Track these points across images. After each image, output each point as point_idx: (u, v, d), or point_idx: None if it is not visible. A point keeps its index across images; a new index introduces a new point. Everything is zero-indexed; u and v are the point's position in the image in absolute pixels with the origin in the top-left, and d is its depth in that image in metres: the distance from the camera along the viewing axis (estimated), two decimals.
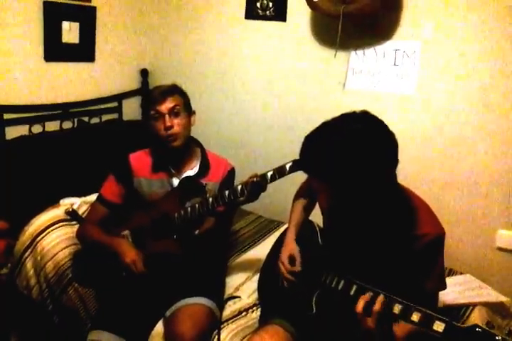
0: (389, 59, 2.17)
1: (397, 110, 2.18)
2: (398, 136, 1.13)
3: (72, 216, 2.08)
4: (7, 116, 2.21)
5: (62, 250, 1.95)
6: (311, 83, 2.41)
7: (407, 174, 1.93)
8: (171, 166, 1.76)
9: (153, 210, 1.71)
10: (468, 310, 1.74)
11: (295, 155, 1.28)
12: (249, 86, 2.62)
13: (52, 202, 2.18)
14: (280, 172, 1.45)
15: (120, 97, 2.78)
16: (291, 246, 1.52)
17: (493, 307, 1.79)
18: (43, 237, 2.00)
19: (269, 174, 1.47)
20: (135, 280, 1.63)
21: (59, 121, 2.45)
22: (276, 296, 1.58)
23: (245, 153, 2.68)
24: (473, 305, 1.76)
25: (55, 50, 2.38)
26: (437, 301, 1.35)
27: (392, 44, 2.14)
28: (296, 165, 1.40)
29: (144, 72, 2.88)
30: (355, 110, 1.15)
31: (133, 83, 2.88)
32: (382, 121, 1.13)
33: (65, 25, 2.38)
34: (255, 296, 1.76)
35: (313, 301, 1.36)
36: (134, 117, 2.82)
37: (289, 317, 1.42)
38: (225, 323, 1.61)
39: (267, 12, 2.44)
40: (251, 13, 2.50)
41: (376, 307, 1.10)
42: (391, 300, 1.11)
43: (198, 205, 1.62)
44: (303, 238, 1.55)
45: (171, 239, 1.68)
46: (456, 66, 2.01)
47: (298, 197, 1.70)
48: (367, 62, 2.22)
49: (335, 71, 2.31)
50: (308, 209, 1.67)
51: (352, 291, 1.21)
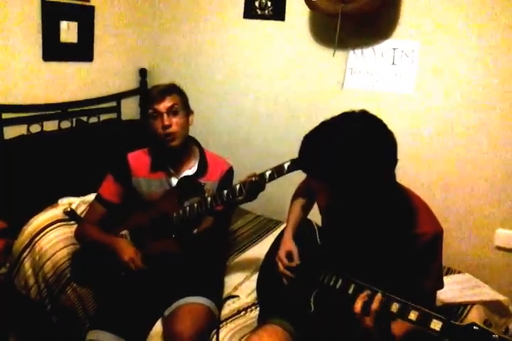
0: (387, 58, 2.17)
1: (396, 109, 2.18)
2: (396, 136, 1.13)
3: (70, 216, 2.07)
4: (5, 115, 2.20)
5: (60, 250, 1.95)
6: (310, 82, 2.41)
7: (406, 173, 1.92)
8: (170, 166, 1.76)
9: (152, 210, 1.71)
10: (467, 309, 1.74)
11: (294, 155, 1.28)
12: (248, 85, 2.62)
13: (50, 201, 2.18)
14: (279, 171, 1.45)
15: (119, 97, 2.77)
16: (289, 244, 1.53)
17: (491, 306, 1.80)
18: (41, 237, 1.99)
19: (268, 173, 1.47)
20: (134, 279, 1.63)
21: (57, 121, 2.44)
22: (274, 295, 1.58)
23: (244, 152, 2.68)
24: (472, 303, 1.77)
25: (54, 50, 2.37)
26: (435, 300, 1.36)
27: (390, 43, 2.14)
28: (295, 165, 1.40)
29: (143, 72, 2.88)
30: (354, 109, 1.15)
31: (131, 83, 2.87)
32: (381, 121, 1.13)
33: (64, 24, 2.37)
34: (254, 295, 1.76)
35: (312, 300, 1.36)
36: (132, 117, 2.82)
37: (288, 316, 1.42)
38: (224, 322, 1.61)
39: (266, 11, 2.45)
40: (249, 13, 2.50)
41: (374, 306, 1.10)
42: (389, 299, 1.11)
43: (196, 205, 1.62)
44: (301, 237, 1.55)
45: (169, 239, 1.68)
46: (455, 65, 2.02)
47: (296, 196, 1.70)
48: (365, 62, 2.22)
49: (333, 70, 2.31)
50: (306, 209, 1.67)
51: (350, 290, 1.21)
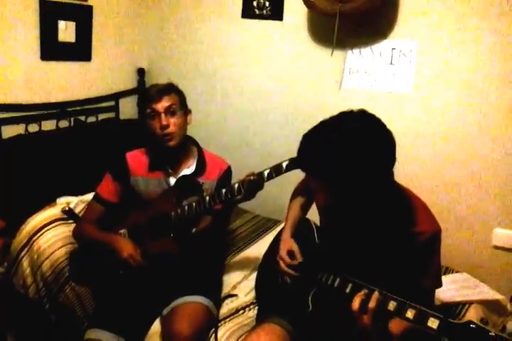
0: (385, 58, 2.17)
1: (394, 109, 2.18)
2: (395, 135, 1.13)
3: (68, 215, 2.07)
4: (3, 115, 2.20)
5: (58, 249, 1.95)
6: (308, 82, 2.41)
7: (404, 173, 1.93)
8: (168, 165, 1.76)
9: (150, 209, 1.70)
10: (465, 308, 1.75)
11: (292, 154, 1.28)
12: (246, 85, 2.62)
13: (48, 201, 2.18)
14: (277, 170, 1.46)
15: (117, 96, 2.77)
16: (289, 242, 1.52)
17: (489, 306, 1.80)
18: (39, 236, 1.99)
19: (266, 172, 1.47)
20: (133, 277, 1.63)
21: (55, 120, 2.44)
22: (273, 294, 1.58)
23: (242, 152, 2.68)
24: (470, 303, 1.77)
25: (52, 49, 2.37)
26: (433, 299, 1.36)
27: (388, 43, 2.15)
28: (293, 164, 1.40)
29: (141, 71, 2.88)
30: (353, 109, 1.16)
31: (129, 82, 2.87)
32: (379, 120, 1.13)
33: (62, 24, 2.37)
34: (252, 294, 1.76)
35: (310, 299, 1.36)
36: (130, 116, 2.82)
37: (286, 315, 1.42)
38: (222, 321, 1.61)
39: (264, 11, 2.45)
40: (248, 12, 2.50)
41: (371, 304, 1.10)
42: (386, 297, 1.11)
43: (195, 204, 1.62)
44: (300, 236, 1.55)
45: (168, 238, 1.68)
46: (453, 65, 2.02)
47: (295, 195, 1.70)
48: (363, 61, 2.22)
49: (331, 70, 2.31)
50: (305, 208, 1.66)
51: (348, 289, 1.21)
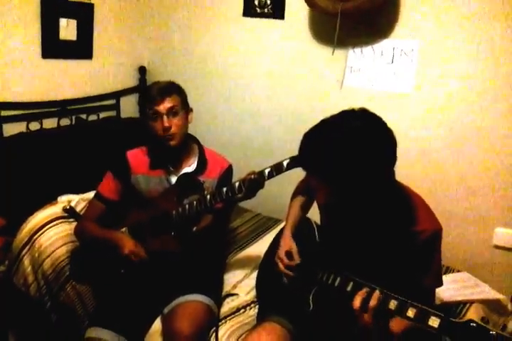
0: (387, 57, 2.17)
1: (395, 108, 2.18)
2: (395, 134, 1.13)
3: (69, 213, 2.07)
4: (4, 113, 2.20)
5: (60, 247, 1.95)
6: (309, 81, 2.40)
7: (405, 172, 1.91)
8: (169, 163, 1.76)
9: (151, 207, 1.70)
10: (465, 308, 1.75)
11: (293, 153, 1.28)
12: (247, 84, 2.62)
13: (50, 199, 2.18)
14: (278, 169, 1.45)
15: (118, 95, 2.77)
16: (289, 243, 1.52)
17: (490, 305, 1.80)
18: (40, 234, 1.99)
19: (267, 171, 1.47)
20: (134, 275, 1.63)
21: (57, 119, 2.43)
22: (274, 293, 1.58)
23: (243, 150, 2.68)
24: (470, 302, 1.77)
25: (53, 47, 2.37)
26: (434, 298, 1.36)
27: (390, 42, 2.14)
28: (294, 162, 1.40)
29: (142, 70, 2.88)
30: (354, 107, 1.16)
31: (131, 80, 2.87)
32: (380, 119, 1.13)
33: (63, 22, 2.37)
34: (253, 293, 1.76)
35: (311, 298, 1.36)
36: (131, 114, 2.82)
37: (287, 314, 1.42)
38: (223, 320, 1.61)
39: (265, 10, 2.44)
40: (249, 11, 2.49)
41: (372, 303, 1.10)
42: (387, 296, 1.11)
43: (195, 202, 1.62)
44: (300, 235, 1.55)
45: (169, 236, 1.68)
46: (454, 64, 2.02)
47: (296, 194, 1.70)
48: (365, 61, 2.22)
49: (333, 69, 2.31)
50: (305, 207, 1.67)
51: (348, 287, 1.21)
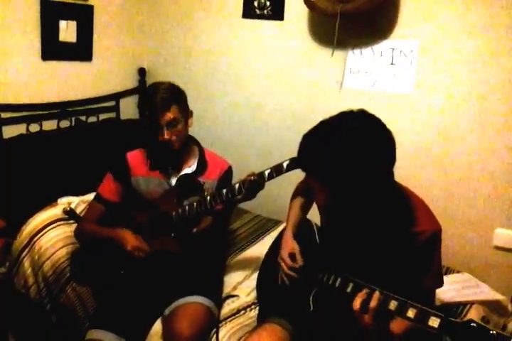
0: (386, 58, 2.17)
1: (394, 109, 2.18)
2: (395, 136, 1.13)
3: (69, 215, 2.07)
4: (4, 114, 2.20)
5: (60, 249, 1.95)
6: (309, 82, 2.41)
7: (405, 173, 1.92)
8: (169, 165, 1.76)
9: (151, 209, 1.70)
10: (466, 309, 1.74)
11: (293, 154, 1.28)
12: (247, 85, 2.62)
13: (50, 201, 2.18)
14: (278, 170, 1.46)
15: (118, 96, 2.77)
16: (291, 244, 1.52)
17: (490, 306, 1.80)
18: (40, 236, 1.99)
19: (267, 172, 1.47)
20: (134, 276, 1.63)
21: (56, 120, 2.44)
22: (274, 295, 1.58)
23: (243, 152, 2.68)
24: (471, 303, 1.77)
25: (53, 49, 2.37)
26: (434, 298, 1.36)
27: (389, 43, 2.14)
28: (294, 164, 1.40)
29: (142, 71, 2.88)
30: (353, 109, 1.16)
31: (130, 82, 2.87)
32: (379, 120, 1.13)
33: (62, 24, 2.37)
34: (253, 295, 1.76)
35: (311, 299, 1.36)
36: (131, 116, 2.82)
37: (287, 315, 1.42)
38: (224, 322, 1.61)
39: (265, 11, 2.45)
40: (248, 12, 2.50)
41: (372, 303, 1.10)
42: (387, 297, 1.11)
43: (196, 204, 1.62)
44: (301, 236, 1.55)
45: (169, 238, 1.68)
46: (454, 65, 2.02)
47: (295, 195, 1.70)
48: (364, 62, 2.22)
49: (332, 70, 2.31)
50: (305, 208, 1.66)
51: (349, 288, 1.21)
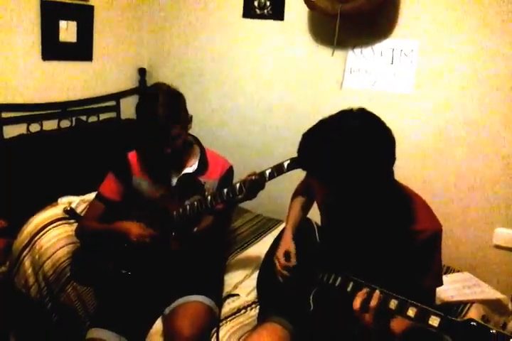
0: (386, 58, 2.17)
1: (395, 109, 2.18)
2: (395, 135, 1.13)
3: (70, 214, 2.07)
4: (5, 114, 2.20)
5: (60, 248, 1.95)
6: (309, 82, 2.41)
7: (405, 172, 1.92)
8: (170, 166, 1.76)
9: (152, 208, 1.71)
10: (466, 308, 1.75)
11: (293, 154, 1.28)
12: (247, 85, 2.62)
13: (50, 200, 2.18)
14: (278, 170, 1.46)
15: (118, 96, 2.78)
16: (289, 243, 1.53)
17: (491, 305, 1.80)
18: (41, 236, 2.00)
19: (268, 172, 1.47)
20: (134, 276, 1.63)
21: (57, 120, 2.44)
22: (274, 294, 1.58)
23: (243, 151, 2.68)
24: (471, 302, 1.77)
25: (53, 49, 2.37)
26: (435, 297, 1.36)
27: (389, 43, 2.15)
28: (295, 163, 1.40)
29: (142, 71, 2.88)
30: (353, 107, 1.16)
31: (131, 82, 2.88)
32: (379, 118, 1.13)
33: (63, 24, 2.37)
34: (254, 294, 1.77)
35: (311, 298, 1.37)
36: (131, 116, 2.81)
37: (288, 314, 1.42)
38: (224, 321, 1.61)
39: (265, 11, 2.45)
40: (248, 12, 2.50)
41: (373, 303, 1.10)
42: (387, 296, 1.11)
43: (196, 203, 1.62)
44: (301, 236, 1.56)
45: (170, 236, 1.68)
46: (454, 65, 2.02)
47: (296, 195, 1.70)
48: (364, 61, 2.22)
49: (332, 70, 2.31)
50: (306, 208, 1.67)
51: (349, 288, 1.21)
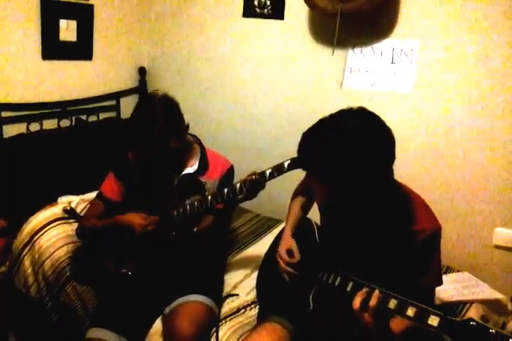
0: (387, 57, 2.17)
1: (395, 109, 2.18)
2: (395, 135, 1.13)
3: (70, 214, 2.07)
4: (5, 114, 2.20)
5: (60, 248, 1.95)
6: (309, 81, 2.41)
7: (405, 172, 1.93)
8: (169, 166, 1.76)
9: (153, 208, 1.70)
10: (465, 308, 1.75)
11: (293, 154, 1.28)
12: (247, 84, 2.62)
13: (50, 200, 2.18)
14: (279, 170, 1.46)
15: (118, 95, 2.77)
16: (289, 241, 1.52)
17: (490, 305, 1.80)
18: (41, 235, 2.00)
19: (268, 172, 1.47)
20: (135, 276, 1.63)
21: (57, 120, 2.44)
22: (274, 293, 1.58)
23: (244, 151, 2.68)
24: (470, 302, 1.77)
25: (53, 48, 2.37)
26: (434, 297, 1.36)
27: (389, 42, 2.14)
28: (295, 163, 1.40)
29: (142, 71, 2.88)
30: (352, 106, 1.15)
31: (131, 81, 2.87)
32: (379, 117, 1.13)
33: (63, 23, 2.37)
34: (253, 294, 1.76)
35: (311, 298, 1.37)
36: None
37: (287, 314, 1.42)
38: (224, 321, 1.61)
39: (265, 10, 2.45)
40: (249, 11, 2.50)
41: (372, 302, 1.10)
42: (386, 296, 1.11)
43: (197, 203, 1.62)
44: (300, 236, 1.55)
45: (170, 237, 1.68)
46: (454, 65, 2.02)
47: (296, 195, 1.70)
48: (364, 61, 2.22)
49: (332, 69, 2.31)
50: (306, 208, 1.67)
51: (348, 287, 1.21)
